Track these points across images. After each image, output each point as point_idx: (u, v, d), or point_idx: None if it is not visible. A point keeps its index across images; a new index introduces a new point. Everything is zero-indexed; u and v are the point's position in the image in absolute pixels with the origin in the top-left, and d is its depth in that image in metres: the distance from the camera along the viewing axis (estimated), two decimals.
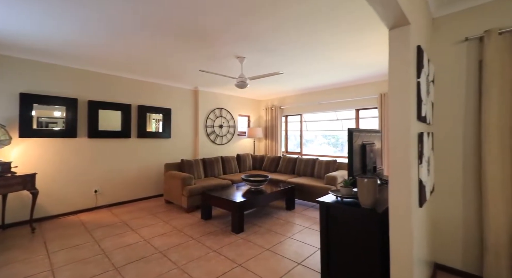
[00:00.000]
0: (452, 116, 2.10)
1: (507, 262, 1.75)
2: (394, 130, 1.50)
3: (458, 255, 2.02)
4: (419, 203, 1.57)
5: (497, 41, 1.83)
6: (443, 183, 2.12)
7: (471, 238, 1.97)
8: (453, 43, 2.11)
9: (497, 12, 1.91)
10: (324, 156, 5.45)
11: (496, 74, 1.82)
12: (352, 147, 2.00)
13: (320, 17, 2.23)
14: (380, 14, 1.35)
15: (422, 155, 1.64)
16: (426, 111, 1.79)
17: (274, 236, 2.82)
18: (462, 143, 2.04)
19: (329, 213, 1.92)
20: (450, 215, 2.07)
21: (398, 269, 1.45)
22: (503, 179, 1.78)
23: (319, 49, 2.99)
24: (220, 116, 5.67)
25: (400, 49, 1.48)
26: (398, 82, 1.49)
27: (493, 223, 1.78)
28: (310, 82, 4.69)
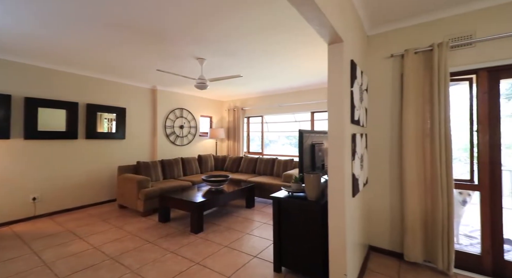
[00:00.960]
0: (382, 120, 2.48)
1: (419, 239, 2.15)
2: (331, 131, 1.73)
3: (386, 237, 2.40)
4: (352, 193, 1.84)
5: (413, 58, 2.25)
6: (375, 176, 2.49)
7: (395, 222, 2.35)
8: (383, 58, 2.50)
9: (413, 35, 2.33)
10: (284, 156, 5.75)
11: (412, 85, 2.23)
12: (303, 146, 2.21)
13: (278, 28, 2.42)
14: (318, 32, 1.57)
15: (355, 153, 1.93)
16: (359, 115, 2.10)
17: (233, 233, 2.92)
18: (389, 143, 2.43)
19: (281, 207, 2.11)
20: (380, 203, 2.44)
21: (335, 250, 1.68)
22: (417, 173, 2.18)
23: (277, 57, 3.21)
24: (181, 117, 5.56)
25: (336, 62, 1.72)
26: (334, 90, 1.73)
27: (410, 210, 2.17)
28: (271, 85, 4.93)
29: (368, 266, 2.17)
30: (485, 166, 2.05)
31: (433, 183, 2.08)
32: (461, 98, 2.35)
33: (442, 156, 2.03)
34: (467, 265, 2.08)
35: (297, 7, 1.28)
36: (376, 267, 2.13)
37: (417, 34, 2.32)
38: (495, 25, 1.98)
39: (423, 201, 2.16)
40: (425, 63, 2.21)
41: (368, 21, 2.39)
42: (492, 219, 2.02)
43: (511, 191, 4.87)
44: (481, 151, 2.07)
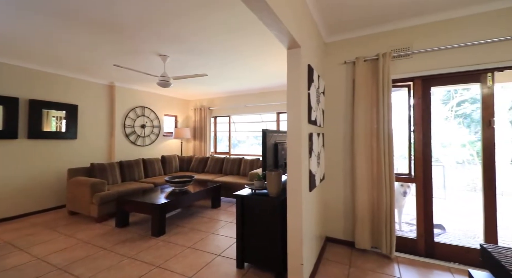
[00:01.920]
0: (337, 120, 2.70)
1: (367, 228, 2.39)
2: (290, 131, 1.84)
3: (340, 227, 2.62)
4: (309, 189, 1.98)
5: (363, 66, 2.50)
6: (331, 172, 2.69)
7: (348, 214, 2.58)
8: (338, 64, 2.72)
9: (363, 45, 2.58)
10: (252, 155, 5.83)
11: (361, 90, 2.47)
12: (266, 145, 2.28)
13: (243, 31, 2.47)
14: (277, 37, 1.65)
15: (312, 151, 2.07)
16: (316, 116, 2.26)
17: (197, 234, 2.88)
18: (343, 141, 2.66)
19: (244, 204, 2.16)
20: (336, 196, 2.66)
21: (292, 242, 1.79)
22: (366, 169, 2.43)
23: (243, 58, 3.26)
24: (143, 116, 5.27)
25: (294, 66, 1.83)
26: (292, 92, 1.84)
27: (360, 202, 2.41)
28: (237, 85, 4.97)
29: (324, 255, 2.34)
30: (420, 161, 2.38)
31: (378, 177, 2.34)
32: (402, 102, 2.69)
33: (385, 153, 2.30)
34: (406, 248, 2.38)
35: (257, 13, 1.34)
36: (331, 256, 2.32)
37: (366, 44, 2.58)
38: (427, 40, 2.31)
39: (370, 193, 2.41)
40: (372, 70, 2.47)
41: (325, 30, 2.59)
42: (424, 207, 2.35)
43: (444, 183, 5.67)
44: (416, 149, 2.40)
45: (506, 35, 2.01)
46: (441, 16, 2.24)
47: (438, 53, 2.27)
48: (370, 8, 2.14)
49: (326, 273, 2.04)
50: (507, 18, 2.03)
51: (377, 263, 2.19)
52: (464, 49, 2.17)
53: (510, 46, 2.02)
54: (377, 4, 2.09)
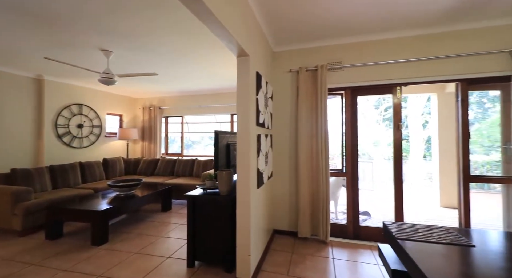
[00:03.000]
0: (283, 123, 2.97)
1: (308, 218, 2.71)
2: (239, 132, 1.98)
3: (286, 220, 2.89)
4: (257, 185, 2.15)
5: (305, 75, 2.81)
6: (278, 170, 2.95)
7: (292, 207, 2.87)
8: (284, 72, 3.00)
9: (306, 56, 2.91)
10: (206, 156, 5.79)
11: (304, 96, 2.79)
12: (218, 146, 2.37)
13: (196, 33, 2.49)
14: (227, 46, 1.78)
15: (260, 151, 2.25)
16: (264, 119, 2.46)
17: (145, 239, 2.78)
18: (289, 142, 2.94)
19: (195, 204, 2.20)
20: (282, 192, 2.92)
21: (241, 235, 1.93)
22: (307, 165, 2.75)
23: (196, 59, 3.26)
24: (80, 114, 4.72)
25: (243, 73, 1.98)
26: (242, 97, 1.98)
27: (302, 195, 2.71)
28: (191, 86, 4.90)
29: (271, 246, 2.56)
30: (349, 158, 2.81)
31: (317, 173, 2.68)
32: (337, 108, 3.11)
33: (322, 151, 2.65)
34: (339, 233, 2.79)
35: (207, 25, 1.43)
36: (277, 246, 2.55)
37: (308, 56, 2.91)
38: (355, 57, 2.75)
39: (310, 187, 2.73)
40: (312, 79, 2.81)
41: (273, 41, 2.82)
42: (353, 197, 2.79)
43: (372, 176, 6.65)
44: (347, 148, 2.83)
45: (409, 58, 2.56)
46: (365, 38, 2.70)
47: (362, 69, 2.73)
48: (311, 25, 2.44)
49: (272, 261, 2.25)
50: (410, 45, 2.58)
51: (315, 248, 2.51)
52: (381, 67, 2.67)
53: (411, 66, 2.57)
54: (316, 23, 2.40)
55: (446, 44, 2.47)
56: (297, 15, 2.23)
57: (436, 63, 2.50)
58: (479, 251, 1.09)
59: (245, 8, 1.88)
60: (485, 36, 2.36)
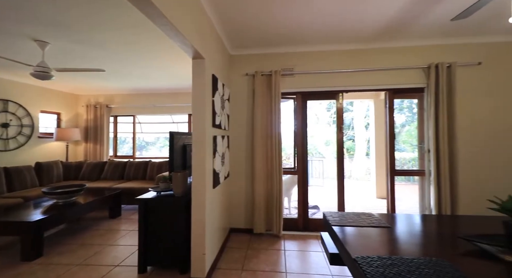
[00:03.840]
0: (240, 124, 3.07)
1: (263, 214, 2.86)
2: (195, 134, 2.00)
3: (242, 218, 2.99)
4: (213, 186, 2.20)
5: (260, 79, 2.96)
6: (235, 169, 3.03)
7: (249, 205, 2.99)
8: (241, 75, 3.10)
9: (261, 61, 3.06)
10: (162, 158, 5.52)
11: (259, 99, 2.93)
12: (173, 147, 2.33)
13: (149, 29, 2.37)
14: (181, 48, 1.78)
15: (216, 151, 2.30)
16: (220, 120, 2.52)
17: (89, 249, 2.55)
18: (245, 143, 3.05)
19: (148, 207, 2.13)
20: (239, 191, 3.01)
21: (196, 235, 1.95)
22: (263, 165, 2.90)
23: (150, 56, 3.11)
24: (5, 112, 4.03)
25: (198, 75, 2.01)
26: (197, 99, 2.01)
27: (257, 193, 2.85)
28: (145, 84, 4.62)
29: (228, 244, 2.63)
30: (300, 157, 3.06)
31: (272, 172, 2.85)
32: (290, 110, 3.35)
33: (276, 151, 2.83)
34: (291, 227, 3.01)
35: (159, 26, 1.42)
36: (233, 244, 2.63)
37: (264, 61, 3.07)
38: (304, 65, 3.01)
39: (265, 185, 2.89)
40: (267, 83, 2.98)
41: (229, 44, 2.90)
42: (303, 193, 3.04)
43: (323, 174, 7.26)
44: (297, 148, 3.07)
45: (349, 68, 2.92)
46: (313, 48, 2.98)
47: (311, 76, 3.01)
48: (265, 33, 2.59)
49: (227, 258, 2.32)
50: (350, 57, 2.94)
51: (269, 242, 2.67)
52: (326, 75, 2.98)
53: (350, 76, 2.94)
54: (270, 32, 2.56)
55: (377, 58, 2.90)
56: (251, 23, 2.36)
57: (369, 75, 2.91)
58: (394, 231, 1.35)
59: (200, 12, 1.92)
60: (406, 54, 2.86)
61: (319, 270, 2.09)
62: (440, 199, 2.57)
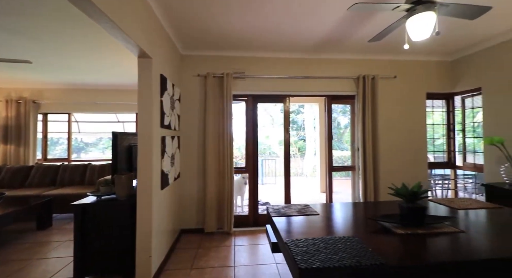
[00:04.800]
0: (192, 125, 3.06)
1: (214, 213, 2.92)
2: (141, 134, 1.95)
3: (194, 218, 3.00)
4: (161, 187, 2.17)
5: (212, 80, 3.01)
6: (186, 170, 3.01)
7: (200, 205, 3.01)
8: (193, 76, 3.10)
9: (213, 63, 3.11)
10: (105, 160, 5.02)
11: (211, 100, 2.98)
12: (117, 148, 2.20)
13: (87, 22, 2.19)
14: (126, 47, 1.72)
15: (164, 152, 2.27)
16: (170, 121, 2.48)
17: (10, 266, 2.21)
18: (197, 143, 3.06)
19: (86, 214, 1.98)
20: (190, 191, 3.01)
21: (142, 239, 1.91)
22: (215, 165, 2.95)
23: (88, 49, 2.84)
24: None
25: (145, 75, 1.96)
26: (144, 99, 1.96)
27: (209, 192, 2.89)
28: (83, 78, 4.15)
29: (177, 245, 2.61)
30: (250, 157, 3.22)
31: (224, 171, 2.93)
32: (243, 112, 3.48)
33: (227, 151, 2.93)
34: (242, 223, 3.15)
35: (100, 24, 1.36)
36: (183, 245, 2.63)
37: (216, 63, 3.13)
38: (255, 69, 3.18)
39: (217, 184, 2.96)
40: (219, 85, 3.05)
41: (180, 44, 2.87)
42: (253, 190, 3.21)
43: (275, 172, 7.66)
44: (248, 147, 3.23)
45: (294, 75, 3.20)
46: (263, 54, 3.17)
47: (261, 80, 3.19)
48: (215, 36, 2.66)
49: (176, 259, 2.31)
50: (296, 65, 3.23)
51: (220, 240, 2.75)
52: (275, 80, 3.21)
53: (296, 82, 3.23)
54: (219, 37, 2.63)
55: (318, 67, 3.25)
56: (201, 26, 2.40)
57: (312, 81, 3.25)
58: (321, 217, 1.59)
59: (146, 11, 1.88)
60: (341, 65, 3.28)
61: (265, 260, 2.27)
62: (366, 189, 3.05)
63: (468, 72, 3.14)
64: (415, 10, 1.52)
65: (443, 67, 3.38)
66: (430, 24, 1.50)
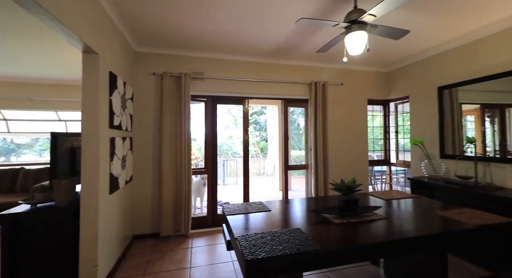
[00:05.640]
0: (147, 125, 2.93)
1: (171, 217, 2.85)
2: (85, 135, 1.82)
3: (148, 223, 2.88)
4: (110, 191, 2.04)
5: (169, 80, 2.93)
6: (139, 173, 2.87)
7: (155, 209, 2.90)
8: (148, 74, 2.97)
9: (170, 62, 3.03)
10: (43, 164, 4.43)
11: (168, 100, 2.90)
12: (56, 151, 2.00)
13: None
14: (68, 41, 1.59)
15: (114, 154, 2.15)
16: (121, 121, 2.35)
17: None
18: (152, 144, 2.94)
19: (17, 225, 1.75)
20: (144, 195, 2.88)
21: (86, 248, 1.78)
22: (171, 166, 2.88)
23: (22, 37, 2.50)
24: None
25: (91, 72, 1.83)
26: (89, 98, 1.83)
27: (165, 195, 2.81)
28: (14, 70, 3.60)
29: (129, 253, 2.47)
30: (209, 158, 3.23)
31: (181, 172, 2.87)
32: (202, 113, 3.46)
33: (185, 152, 2.89)
34: (200, 225, 3.13)
35: (35, 15, 1.24)
36: (136, 251, 2.50)
37: (173, 62, 3.06)
38: (214, 70, 3.19)
39: (174, 187, 2.89)
40: (177, 85, 2.98)
41: (134, 41, 2.73)
42: (212, 191, 3.22)
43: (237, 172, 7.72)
44: (207, 148, 3.23)
45: (253, 78, 3.31)
46: (223, 56, 3.21)
47: (220, 81, 3.23)
48: (171, 35, 2.60)
49: (127, 266, 2.20)
50: (255, 68, 3.34)
51: (177, 243, 2.70)
52: (234, 82, 3.27)
53: (254, 85, 3.34)
54: (175, 37, 2.59)
55: (276, 72, 3.43)
56: (156, 24, 2.33)
57: (269, 85, 3.41)
58: (272, 212, 1.71)
59: (93, 4, 1.76)
60: (297, 71, 3.51)
61: (222, 259, 2.31)
62: (317, 185, 3.33)
63: (400, 83, 3.67)
64: (351, 28, 1.75)
65: (381, 77, 3.88)
66: (363, 41, 1.75)
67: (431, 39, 2.76)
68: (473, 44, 2.62)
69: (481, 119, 2.60)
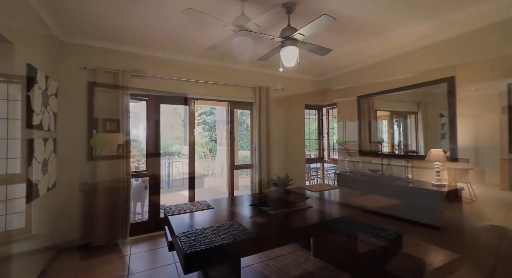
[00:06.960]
0: (75, 124, 2.63)
1: (106, 225, 2.62)
2: None
3: (78, 232, 2.58)
4: (27, 200, 1.79)
5: (104, 75, 2.70)
6: (66, 178, 2.55)
7: (86, 216, 2.61)
8: (79, 68, 2.66)
9: (105, 56, 2.78)
10: None
11: (102, 96, 2.67)
12: None
13: None
14: None
15: (33, 158, 1.88)
16: (42, 120, 2.07)
17: None
18: (81, 146, 2.64)
19: None
20: (70, 202, 2.57)
21: None
22: (105, 170, 2.65)
23: None
24: None
25: (4, 63, 1.58)
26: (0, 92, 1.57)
27: (99, 202, 2.57)
28: None
29: (53, 267, 2.18)
30: (152, 160, 3.10)
31: (118, 176, 2.68)
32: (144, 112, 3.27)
33: (124, 155, 2.70)
34: (141, 230, 2.97)
35: None
36: (62, 265, 2.21)
37: (108, 56, 2.82)
38: (156, 69, 3.08)
39: (110, 193, 2.66)
40: (113, 81, 2.76)
41: (59, 29, 2.42)
42: (154, 194, 3.10)
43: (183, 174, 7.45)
44: (149, 150, 3.09)
45: (199, 80, 3.32)
46: (166, 55, 3.12)
47: (164, 80, 3.13)
48: (105, 25, 2.42)
49: None
50: (201, 70, 3.36)
51: (113, 251, 2.50)
52: (179, 82, 3.21)
53: (200, 86, 3.36)
54: (113, 27, 2.42)
55: (223, 75, 3.52)
56: (83, 11, 2.15)
57: (216, 87, 3.48)
58: (215, 210, 1.80)
59: None
60: (242, 75, 3.68)
61: (164, 262, 2.27)
62: (261, 182, 3.56)
63: (329, 91, 4.25)
64: (285, 43, 1.99)
65: (316, 85, 4.41)
66: (295, 55, 2.02)
67: (348, 57, 3.33)
68: (382, 64, 3.28)
69: (391, 124, 3.27)
